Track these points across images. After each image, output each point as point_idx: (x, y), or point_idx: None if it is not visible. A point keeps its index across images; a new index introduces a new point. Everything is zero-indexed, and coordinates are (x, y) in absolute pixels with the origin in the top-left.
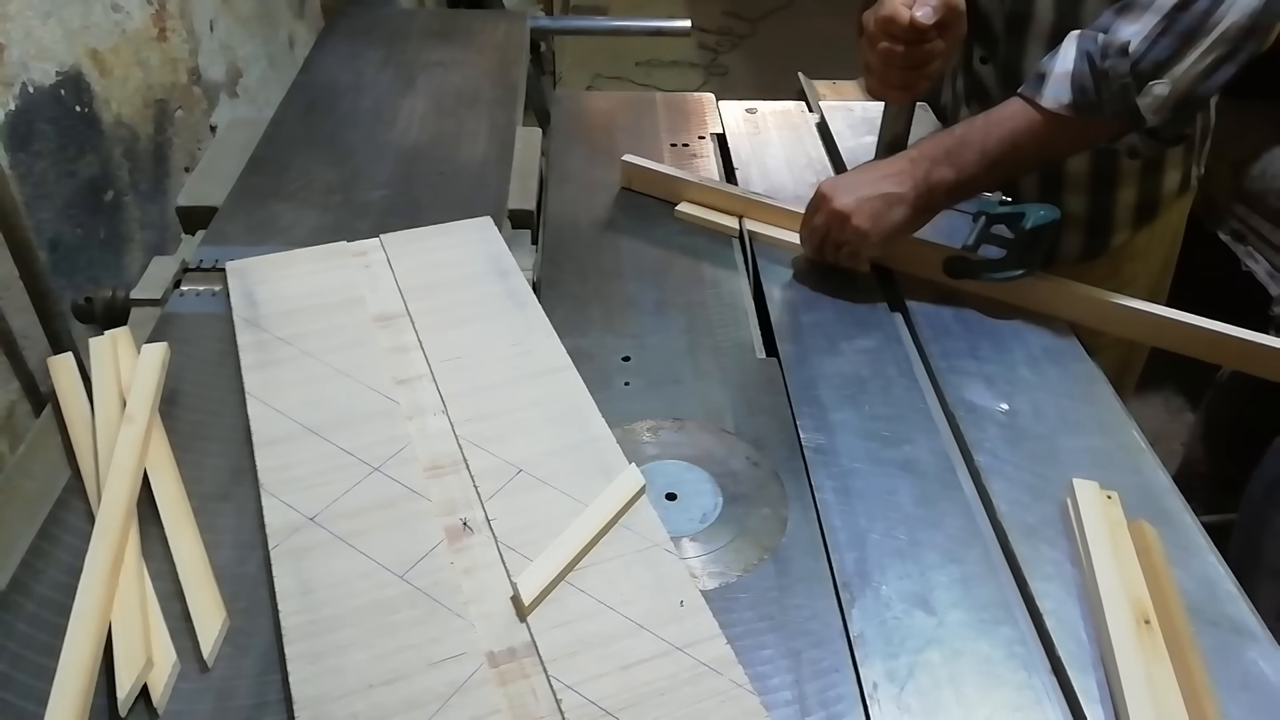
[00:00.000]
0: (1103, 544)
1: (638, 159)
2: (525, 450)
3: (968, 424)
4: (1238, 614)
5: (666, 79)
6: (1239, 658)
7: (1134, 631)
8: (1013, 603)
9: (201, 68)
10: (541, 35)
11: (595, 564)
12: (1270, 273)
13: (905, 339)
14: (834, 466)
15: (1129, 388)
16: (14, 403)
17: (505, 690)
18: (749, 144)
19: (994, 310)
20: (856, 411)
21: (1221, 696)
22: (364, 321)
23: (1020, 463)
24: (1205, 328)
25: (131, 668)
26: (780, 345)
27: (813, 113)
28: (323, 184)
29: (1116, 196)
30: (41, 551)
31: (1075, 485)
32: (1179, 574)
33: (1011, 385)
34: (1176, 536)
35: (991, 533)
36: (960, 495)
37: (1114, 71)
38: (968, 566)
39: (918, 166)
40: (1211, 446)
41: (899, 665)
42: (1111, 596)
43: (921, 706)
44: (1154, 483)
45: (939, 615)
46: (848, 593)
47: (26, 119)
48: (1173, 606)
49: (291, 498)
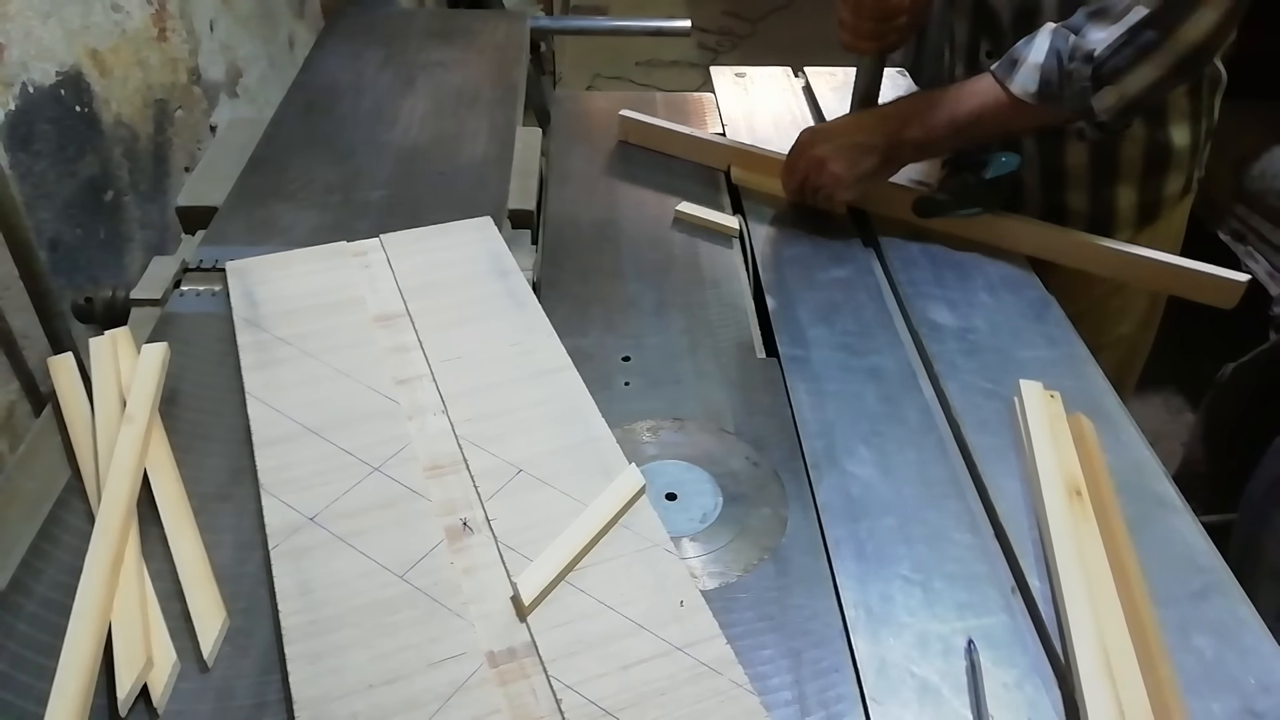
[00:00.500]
0: (1042, 429)
1: (635, 113)
2: (525, 450)
3: (930, 339)
4: (1162, 491)
5: (666, 79)
6: (1160, 524)
7: (1065, 500)
8: (962, 480)
9: (201, 68)
10: (541, 35)
11: (595, 564)
12: (1270, 273)
13: (876, 270)
14: (808, 372)
15: (1129, 387)
16: (14, 403)
17: (505, 690)
18: (738, 104)
19: (958, 245)
20: (829, 329)
21: (1143, 555)
22: (364, 321)
23: (975, 370)
24: (1143, 255)
25: (131, 668)
26: (763, 275)
27: (798, 78)
28: (323, 184)
29: (1118, 194)
30: (41, 551)
31: (1021, 385)
32: (1111, 460)
33: (971, 308)
34: (1114, 431)
35: (947, 426)
36: (920, 397)
37: (1077, 74)
38: (924, 451)
39: (890, 122)
40: (1211, 446)
41: (860, 528)
42: (1045, 470)
43: (879, 558)
44: (1094, 385)
45: (897, 489)
46: (816, 471)
47: (26, 119)
48: (1102, 483)
49: (291, 498)
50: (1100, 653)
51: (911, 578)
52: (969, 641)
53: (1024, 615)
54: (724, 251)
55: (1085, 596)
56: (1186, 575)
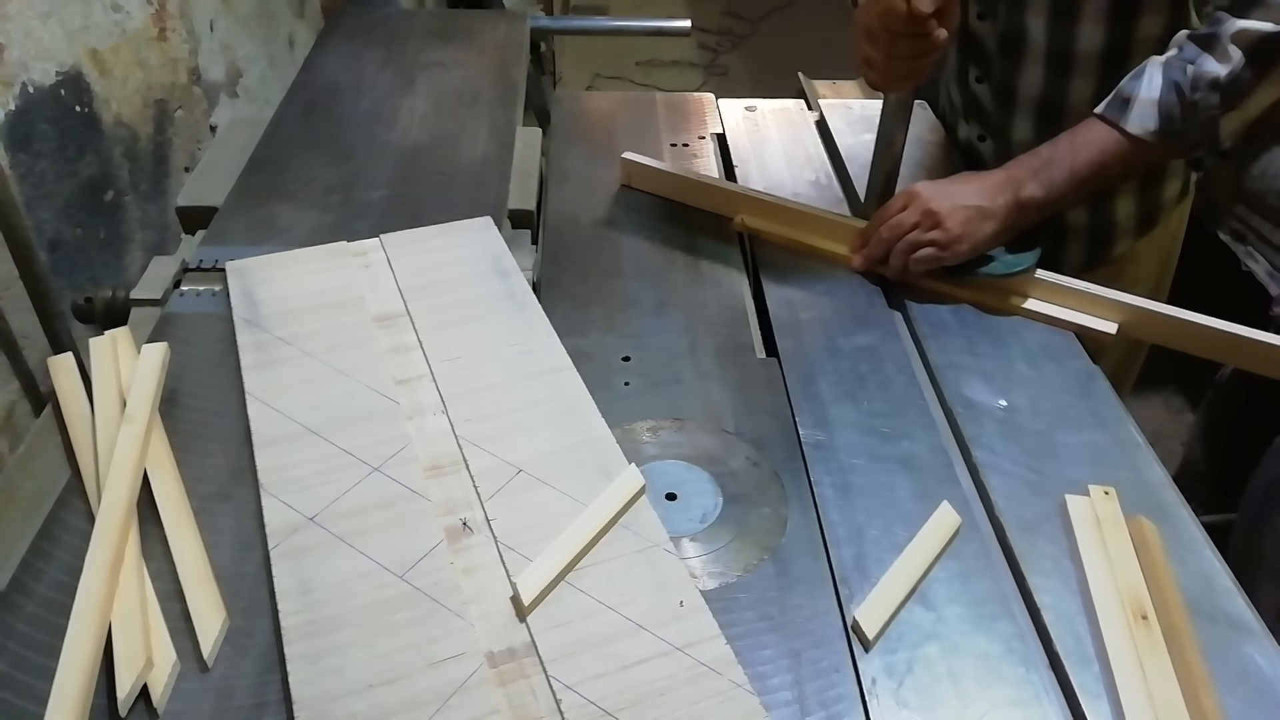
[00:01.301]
0: (1095, 540)
1: (637, 156)
2: (525, 450)
3: (966, 420)
4: (1235, 610)
5: (666, 79)
6: (1236, 653)
7: (1128, 625)
8: (1010, 598)
9: (201, 68)
10: (541, 35)
11: (595, 564)
12: (1270, 273)
13: (904, 336)
14: (833, 462)
15: (1126, 387)
16: (14, 403)
17: (505, 690)
18: (748, 141)
19: (991, 307)
20: (855, 407)
21: (1219, 691)
22: (364, 321)
23: (1018, 459)
24: (1199, 323)
25: (131, 668)
26: (779, 342)
27: (812, 111)
28: (323, 184)
29: (1117, 207)
30: (41, 551)
31: (1068, 501)
32: (1177, 569)
33: (1009, 381)
34: (1174, 532)
35: (990, 528)
36: (958, 491)
37: (1204, 104)
38: (966, 562)
39: (1009, 185)
40: (1211, 446)
41: (897, 660)
42: (1104, 591)
43: (920, 702)
44: (1151, 478)
45: (937, 610)
46: (846, 588)
47: (26, 119)
48: (1171, 602)
49: (291, 498)
50: None
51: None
52: None
53: None
54: (724, 251)
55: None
56: (1273, 716)
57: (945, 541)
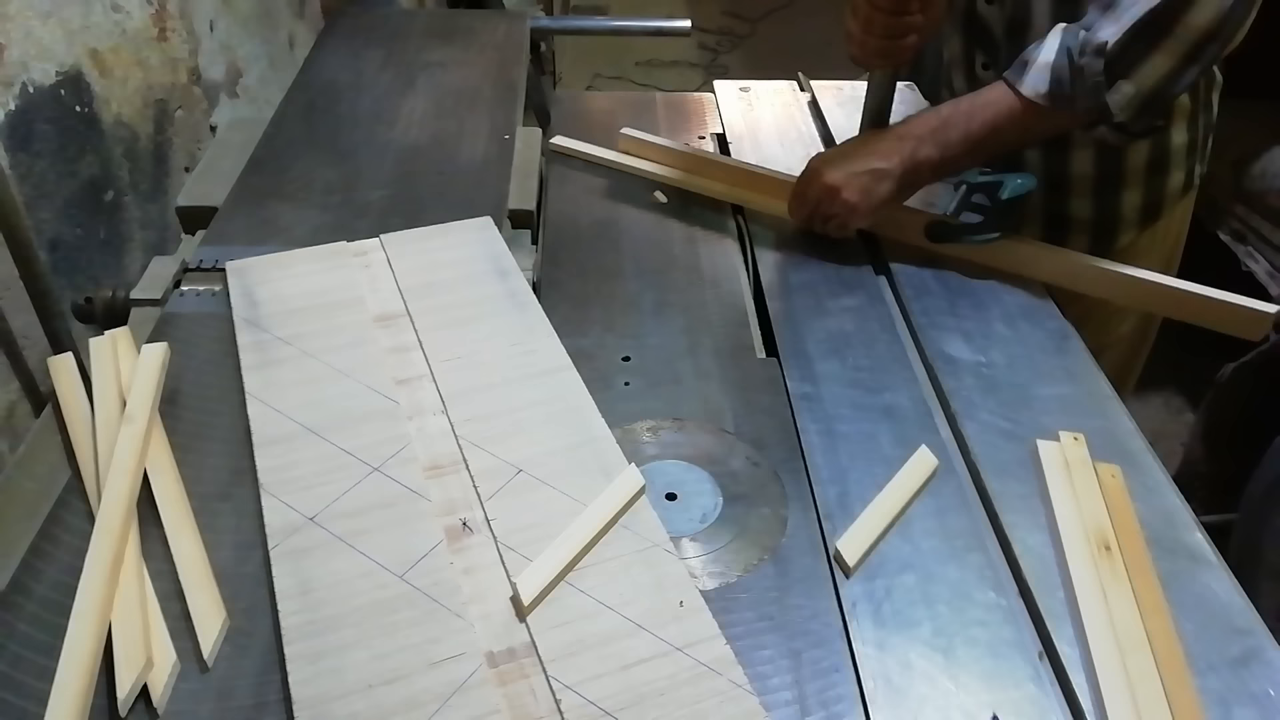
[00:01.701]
0: (1063, 481)
1: (635, 132)
2: (525, 450)
3: (945, 374)
4: (1194, 544)
5: (666, 79)
6: (1194, 581)
7: (1092, 556)
8: (984, 532)
9: (201, 68)
10: (541, 35)
11: (595, 564)
12: (1270, 273)
13: (888, 299)
14: (819, 413)
15: (1128, 387)
16: (14, 403)
17: (504, 690)
18: (743, 120)
19: (973, 272)
20: (841, 363)
21: (1176, 614)
22: (364, 321)
23: (994, 409)
24: (1166, 284)
25: (131, 668)
26: (769, 303)
27: (804, 92)
28: (323, 184)
29: (1122, 199)
30: (41, 551)
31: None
32: (1141, 509)
33: (987, 340)
34: (1140, 476)
35: (966, 471)
36: (937, 438)
37: (1089, 69)
38: (943, 499)
39: (904, 144)
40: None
41: (876, 586)
42: (1070, 525)
43: (896, 622)
44: (1119, 426)
45: (914, 542)
46: (830, 523)
47: (26, 119)
48: (1133, 535)
49: (291, 498)
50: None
51: (933, 644)
52: (993, 717)
53: (1054, 685)
54: (724, 251)
55: (1119, 664)
56: (1225, 639)
57: (923, 481)
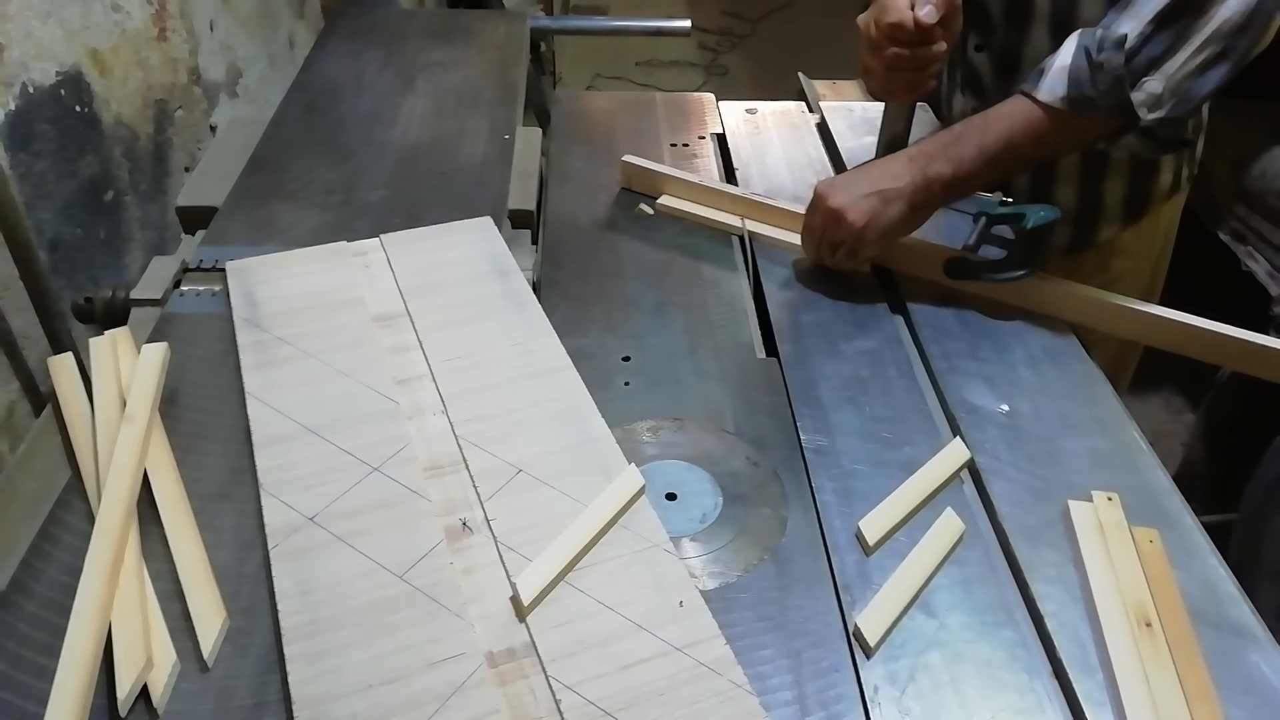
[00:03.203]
0: (1098, 546)
1: (637, 159)
2: (525, 450)
3: (968, 425)
4: (1239, 616)
5: (666, 79)
6: (1241, 660)
7: (1131, 633)
8: (1014, 605)
9: (201, 68)
10: (541, 35)
11: (595, 564)
12: (1270, 273)
13: (905, 340)
14: (834, 468)
15: (1123, 384)
16: (14, 403)
17: (504, 690)
18: (749, 144)
19: (994, 311)
20: (857, 413)
21: (1224, 699)
22: (364, 321)
23: (1021, 464)
24: (1202, 328)
25: (131, 668)
26: (780, 346)
27: (813, 113)
28: (323, 184)
29: (1105, 189)
30: (41, 551)
31: (1071, 506)
32: (1180, 576)
33: (1012, 386)
34: (1178, 538)
35: (993, 535)
36: (961, 497)
37: (1109, 64)
38: (968, 569)
39: (915, 163)
40: (1211, 446)
41: (900, 668)
42: (1107, 598)
43: (922, 710)
44: (1155, 484)
45: (939, 618)
46: (848, 594)
47: (26, 119)
48: (1175, 609)
49: (291, 498)
50: None
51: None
52: None
53: None
54: (724, 251)
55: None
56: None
57: (948, 548)
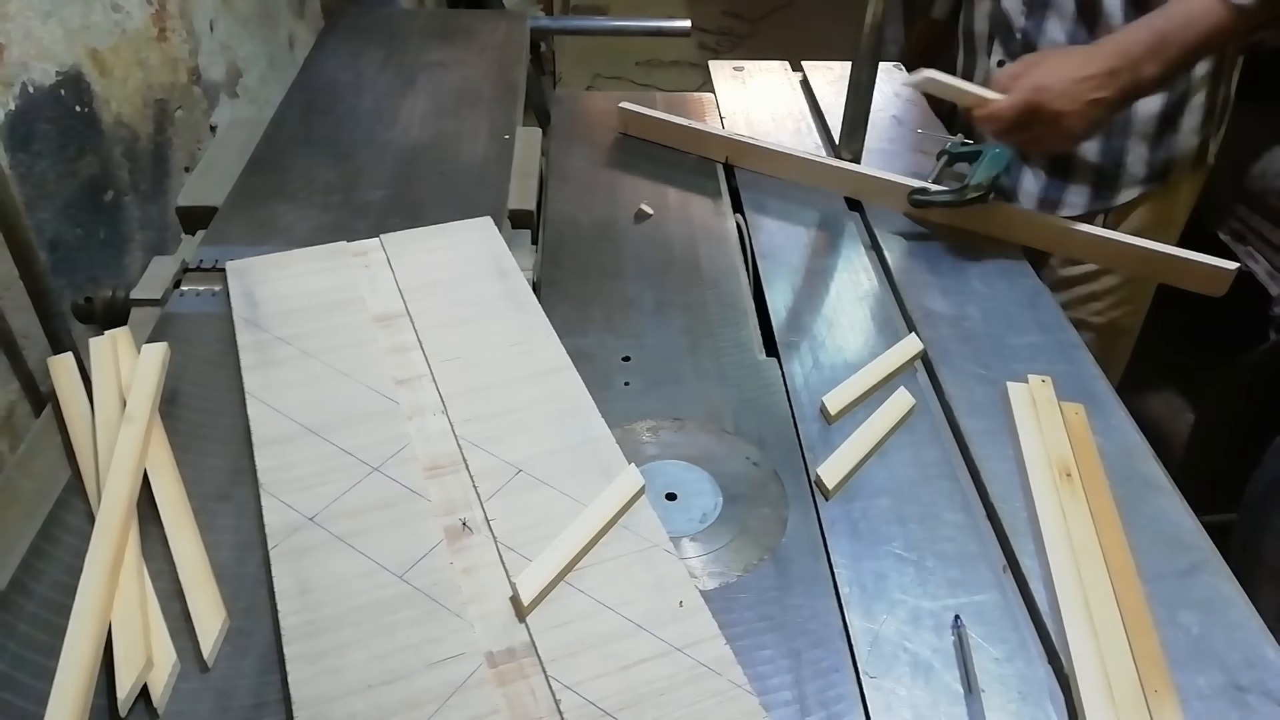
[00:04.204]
0: (1030, 417)
1: (634, 105)
2: (525, 450)
3: (924, 325)
4: (1150, 472)
5: (666, 79)
6: (1148, 504)
7: (1053, 481)
8: (955, 463)
9: (201, 68)
10: (541, 35)
11: (594, 564)
12: (1270, 273)
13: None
14: (806, 357)
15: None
16: (14, 403)
17: (504, 690)
18: (737, 97)
19: (953, 236)
20: (825, 319)
21: (1131, 534)
22: (364, 321)
23: (968, 356)
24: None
25: (131, 668)
26: (760, 264)
27: (796, 73)
28: (323, 184)
29: (1128, 147)
30: (41, 551)
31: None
32: (1101, 441)
33: (964, 295)
34: (1103, 414)
35: (940, 410)
36: (915, 384)
37: None
38: (918, 434)
39: (1123, 68)
40: (1211, 446)
41: (854, 507)
42: (1035, 454)
43: (872, 536)
44: (1085, 372)
45: (890, 470)
46: (811, 453)
47: (26, 119)
48: (1093, 464)
49: (291, 498)
50: (1089, 628)
51: (905, 556)
52: (955, 617)
53: (1015, 593)
54: (724, 251)
55: (1075, 573)
56: (1174, 554)
57: (900, 417)
